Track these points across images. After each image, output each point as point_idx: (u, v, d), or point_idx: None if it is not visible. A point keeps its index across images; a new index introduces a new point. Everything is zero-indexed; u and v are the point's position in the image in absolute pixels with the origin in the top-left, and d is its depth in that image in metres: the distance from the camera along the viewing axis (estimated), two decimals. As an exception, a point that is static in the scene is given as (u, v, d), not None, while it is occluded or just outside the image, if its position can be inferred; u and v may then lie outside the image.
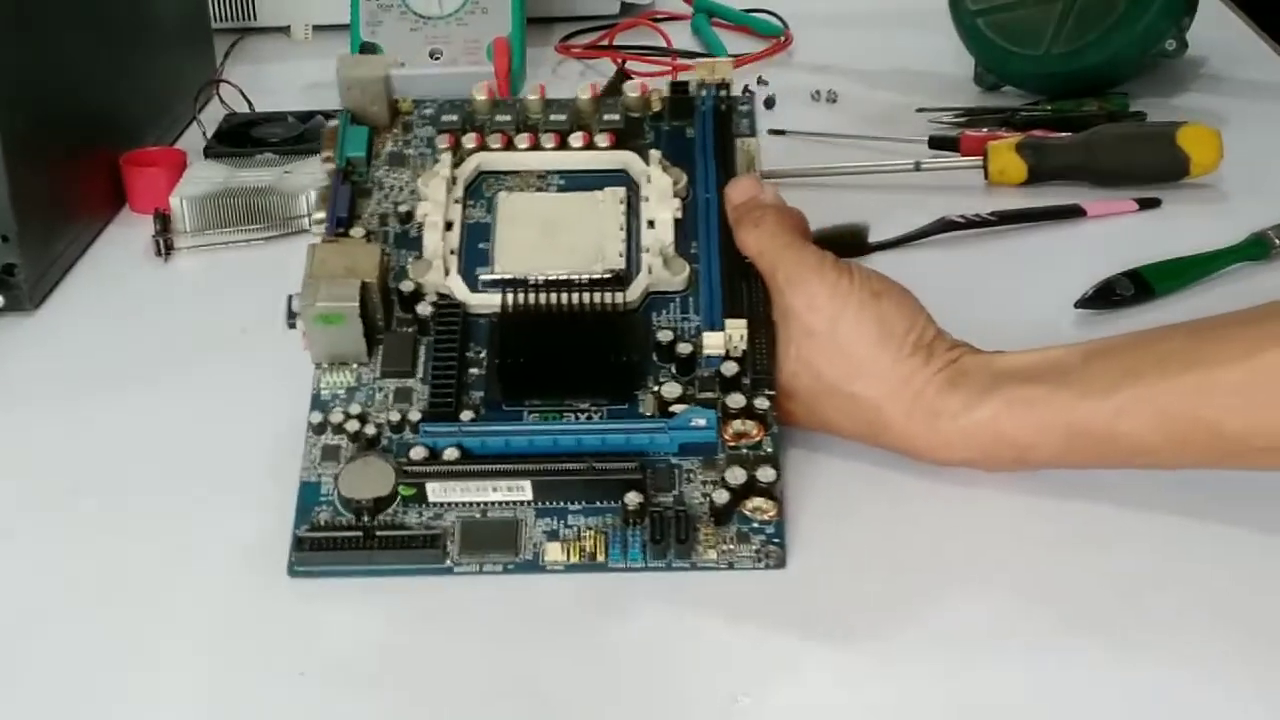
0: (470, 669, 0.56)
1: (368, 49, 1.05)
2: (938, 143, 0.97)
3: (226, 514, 0.64)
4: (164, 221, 0.87)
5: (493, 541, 0.60)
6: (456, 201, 0.70)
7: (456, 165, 0.71)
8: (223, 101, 1.01)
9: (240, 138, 0.97)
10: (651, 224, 0.68)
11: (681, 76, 0.76)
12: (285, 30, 1.21)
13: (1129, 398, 0.59)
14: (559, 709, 0.54)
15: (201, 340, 0.78)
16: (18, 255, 0.79)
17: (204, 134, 0.98)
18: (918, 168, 0.93)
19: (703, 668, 0.55)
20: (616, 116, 0.73)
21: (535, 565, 0.60)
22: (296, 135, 0.96)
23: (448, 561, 0.60)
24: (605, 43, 1.17)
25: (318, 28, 1.20)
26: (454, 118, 0.74)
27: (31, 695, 0.55)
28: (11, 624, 0.59)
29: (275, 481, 0.63)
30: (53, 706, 0.55)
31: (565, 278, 0.66)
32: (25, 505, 0.66)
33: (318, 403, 0.65)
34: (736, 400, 0.63)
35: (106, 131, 0.91)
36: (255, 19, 1.20)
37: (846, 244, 0.84)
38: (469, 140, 0.72)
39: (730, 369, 0.64)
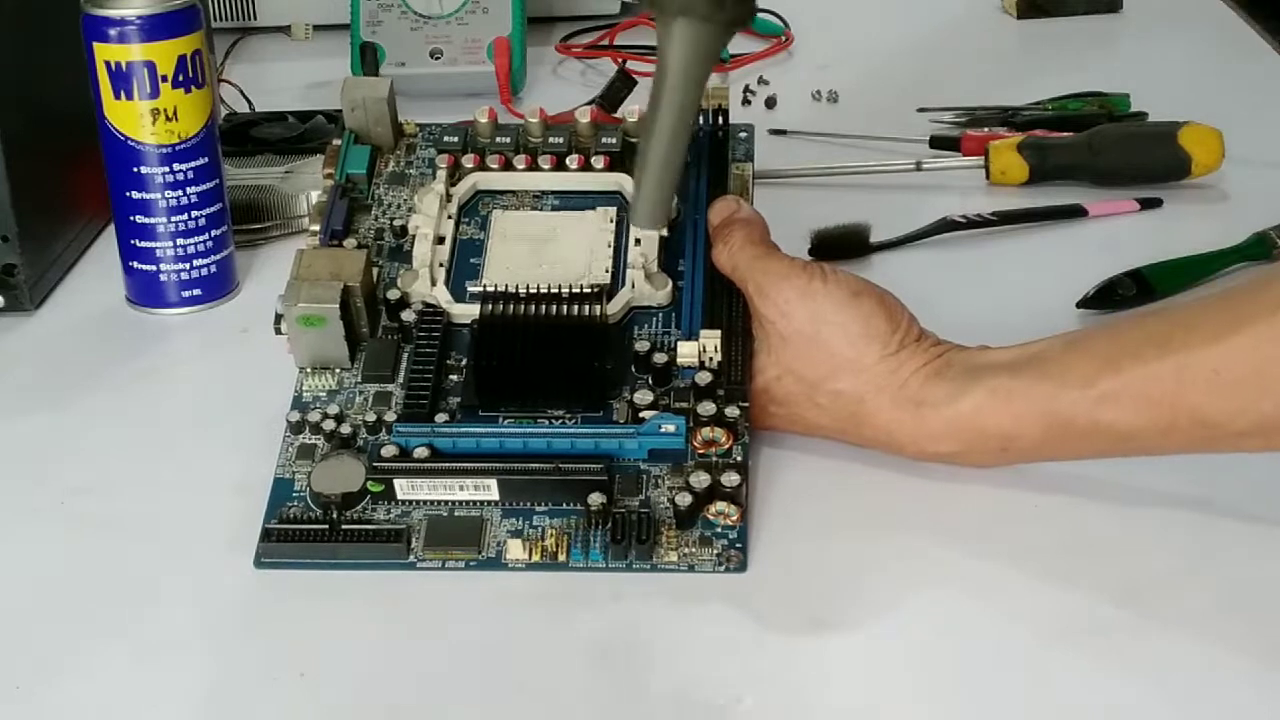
0: (427, 663, 0.56)
1: (368, 49, 1.04)
2: (939, 142, 0.96)
3: (224, 512, 0.64)
4: (164, 221, 0.87)
5: (457, 538, 0.61)
6: (450, 217, 0.70)
7: (453, 183, 0.72)
8: (223, 101, 1.01)
9: (241, 137, 0.96)
10: (638, 241, 0.69)
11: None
12: (285, 30, 1.20)
13: (1109, 387, 0.59)
14: (522, 703, 0.54)
15: (202, 340, 0.78)
16: (18, 255, 0.79)
17: (204, 134, 0.97)
18: (919, 168, 0.93)
19: (652, 665, 0.56)
20: (614, 140, 0.73)
21: (497, 562, 0.60)
22: (297, 135, 0.95)
23: (411, 557, 0.60)
24: (606, 42, 1.16)
25: (318, 27, 1.20)
26: (455, 139, 0.74)
27: (21, 689, 0.55)
28: (9, 624, 0.59)
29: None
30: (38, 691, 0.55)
31: (549, 290, 0.66)
32: (24, 504, 0.66)
33: (298, 403, 0.66)
34: (707, 408, 0.63)
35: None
36: (255, 18, 1.20)
37: (848, 244, 0.84)
38: (468, 160, 0.73)
39: (705, 378, 0.64)
